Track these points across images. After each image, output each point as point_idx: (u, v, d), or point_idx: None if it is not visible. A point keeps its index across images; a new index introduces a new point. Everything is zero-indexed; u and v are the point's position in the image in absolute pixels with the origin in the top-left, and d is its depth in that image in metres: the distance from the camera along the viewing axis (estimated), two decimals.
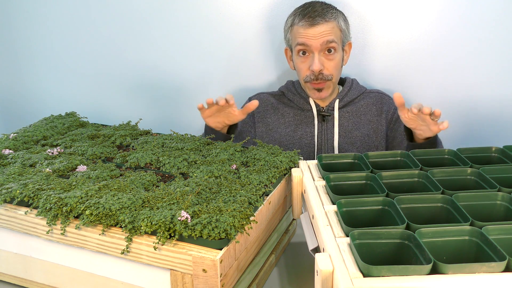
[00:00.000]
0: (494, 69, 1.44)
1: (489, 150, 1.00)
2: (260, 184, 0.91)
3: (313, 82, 1.35)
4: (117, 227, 0.79)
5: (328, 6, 1.35)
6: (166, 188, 0.88)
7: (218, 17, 1.60)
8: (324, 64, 1.33)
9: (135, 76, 1.76)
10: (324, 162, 0.98)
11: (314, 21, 1.30)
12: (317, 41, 1.31)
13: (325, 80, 1.35)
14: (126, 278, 0.81)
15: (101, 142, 1.13)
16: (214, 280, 0.72)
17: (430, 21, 1.45)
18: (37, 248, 0.87)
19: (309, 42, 1.32)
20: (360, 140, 1.42)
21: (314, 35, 1.31)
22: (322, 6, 1.35)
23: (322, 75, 1.34)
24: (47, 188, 0.86)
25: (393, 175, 0.88)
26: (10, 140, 1.13)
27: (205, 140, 1.13)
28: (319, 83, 1.35)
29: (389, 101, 1.45)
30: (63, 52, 1.82)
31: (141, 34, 1.70)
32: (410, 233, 0.66)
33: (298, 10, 1.36)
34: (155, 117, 1.77)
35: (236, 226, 0.74)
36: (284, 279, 0.94)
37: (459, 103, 1.50)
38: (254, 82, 1.65)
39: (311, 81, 1.35)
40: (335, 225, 0.74)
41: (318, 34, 1.31)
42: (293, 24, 1.36)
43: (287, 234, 1.04)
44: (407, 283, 0.58)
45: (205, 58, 1.66)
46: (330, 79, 1.35)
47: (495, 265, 0.59)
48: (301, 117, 1.44)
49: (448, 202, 0.77)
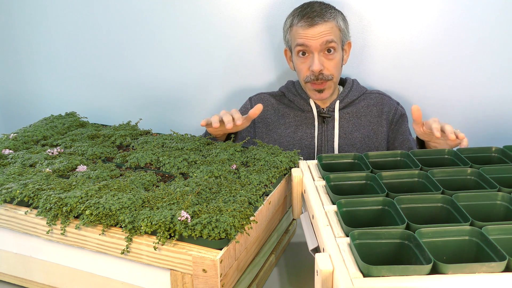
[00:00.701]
0: (494, 69, 1.44)
1: (489, 150, 1.00)
2: (260, 184, 0.91)
3: (314, 82, 1.35)
4: (117, 227, 0.79)
5: (326, 6, 1.35)
6: (166, 188, 0.88)
7: (218, 17, 1.60)
8: (324, 64, 1.33)
9: (135, 76, 1.76)
10: (324, 162, 0.98)
11: (313, 22, 1.30)
12: (316, 42, 1.31)
13: (326, 80, 1.35)
14: (126, 278, 0.81)
15: (101, 142, 1.13)
16: (214, 280, 0.72)
17: (430, 21, 1.45)
18: (37, 248, 0.87)
19: (308, 42, 1.32)
20: (360, 142, 1.41)
21: (314, 35, 1.31)
22: (320, 6, 1.35)
23: (322, 75, 1.34)
24: (47, 188, 0.86)
25: (393, 175, 0.88)
26: (10, 140, 1.13)
27: (205, 140, 1.13)
28: (320, 84, 1.35)
29: (389, 101, 1.44)
30: (63, 52, 1.82)
31: (141, 34, 1.70)
32: (410, 233, 0.66)
33: (297, 10, 1.36)
34: (155, 117, 1.78)
35: (236, 226, 0.74)
36: (284, 279, 0.94)
37: (459, 103, 1.50)
38: (254, 82, 1.65)
39: (312, 81, 1.35)
40: (335, 225, 0.74)
41: (317, 35, 1.31)
42: (292, 25, 1.36)
43: (287, 234, 1.04)
44: (407, 283, 0.58)
45: (205, 58, 1.66)
46: (331, 79, 1.35)
47: (495, 265, 0.59)
48: (301, 118, 1.43)
49: (448, 202, 0.77)
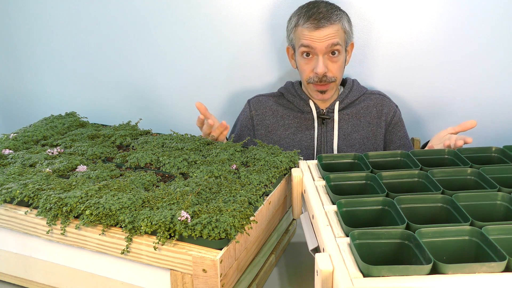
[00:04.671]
0: (494, 69, 1.45)
1: (489, 150, 1.00)
2: (260, 184, 0.91)
3: (317, 84, 1.35)
4: (117, 227, 0.79)
5: (332, 7, 1.33)
6: (166, 188, 0.88)
7: (219, 17, 1.60)
8: (328, 67, 1.33)
9: (135, 76, 1.76)
10: (324, 162, 0.98)
11: (320, 24, 1.29)
12: (322, 44, 1.30)
13: (329, 82, 1.35)
14: (126, 278, 0.81)
15: (101, 142, 1.13)
16: (214, 280, 0.72)
17: (431, 21, 1.45)
18: (37, 248, 0.87)
19: (314, 44, 1.31)
20: (360, 143, 1.41)
21: (319, 38, 1.30)
22: (326, 7, 1.32)
23: (326, 77, 1.33)
24: (47, 188, 0.86)
25: (393, 175, 0.88)
26: (10, 140, 1.13)
27: (205, 140, 1.13)
28: (323, 85, 1.35)
29: (389, 103, 1.44)
30: (63, 52, 1.82)
31: (141, 34, 1.70)
32: (410, 233, 0.66)
33: (303, 10, 1.34)
34: (155, 117, 1.78)
35: (236, 226, 0.74)
36: (284, 279, 0.94)
37: (459, 103, 1.51)
38: (254, 83, 1.64)
39: (314, 83, 1.35)
40: (335, 225, 0.74)
41: (323, 37, 1.30)
42: (297, 24, 1.34)
43: (287, 234, 1.04)
44: (407, 283, 0.58)
45: (205, 58, 1.66)
46: (334, 81, 1.35)
47: (495, 265, 0.59)
48: (301, 120, 1.43)
49: (448, 202, 0.77)
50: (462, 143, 1.05)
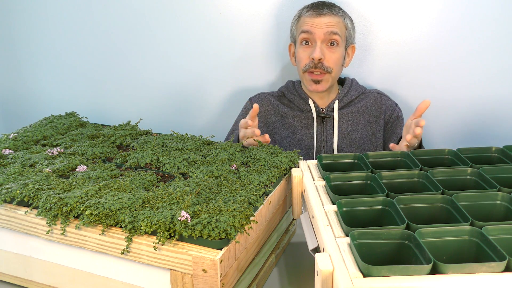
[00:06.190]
0: (494, 69, 1.44)
1: (489, 150, 1.00)
2: (260, 184, 0.91)
3: (312, 71, 1.35)
4: (117, 227, 0.79)
5: (337, 6, 1.40)
6: (166, 188, 0.88)
7: (219, 17, 1.60)
8: (325, 55, 1.34)
9: (135, 76, 1.76)
10: (324, 162, 0.98)
11: (321, 11, 1.34)
12: (321, 30, 1.33)
13: (324, 72, 1.35)
14: (126, 278, 0.81)
15: (101, 142, 1.13)
16: (214, 280, 0.72)
17: (430, 22, 1.45)
18: (37, 248, 0.87)
19: (313, 29, 1.33)
20: (359, 142, 1.42)
21: (319, 24, 1.33)
22: (331, 3, 1.39)
23: (322, 64, 1.34)
24: (47, 188, 0.86)
25: (393, 175, 0.88)
26: (10, 140, 1.13)
27: (205, 140, 1.13)
28: (318, 74, 1.35)
29: (388, 101, 1.44)
30: (63, 52, 1.82)
31: (141, 34, 1.70)
32: (410, 233, 0.66)
33: (307, 5, 1.40)
34: (155, 117, 1.77)
35: (236, 226, 0.74)
36: (284, 279, 0.94)
37: (459, 103, 1.50)
38: (254, 83, 1.65)
39: (310, 69, 1.35)
40: (335, 225, 0.74)
41: (323, 24, 1.33)
42: (300, 16, 1.39)
43: (287, 234, 1.04)
44: (407, 283, 0.58)
45: (206, 58, 1.66)
46: (330, 72, 1.35)
47: (495, 265, 0.59)
48: (301, 119, 1.43)
49: (448, 202, 0.77)
50: (419, 130, 1.06)
